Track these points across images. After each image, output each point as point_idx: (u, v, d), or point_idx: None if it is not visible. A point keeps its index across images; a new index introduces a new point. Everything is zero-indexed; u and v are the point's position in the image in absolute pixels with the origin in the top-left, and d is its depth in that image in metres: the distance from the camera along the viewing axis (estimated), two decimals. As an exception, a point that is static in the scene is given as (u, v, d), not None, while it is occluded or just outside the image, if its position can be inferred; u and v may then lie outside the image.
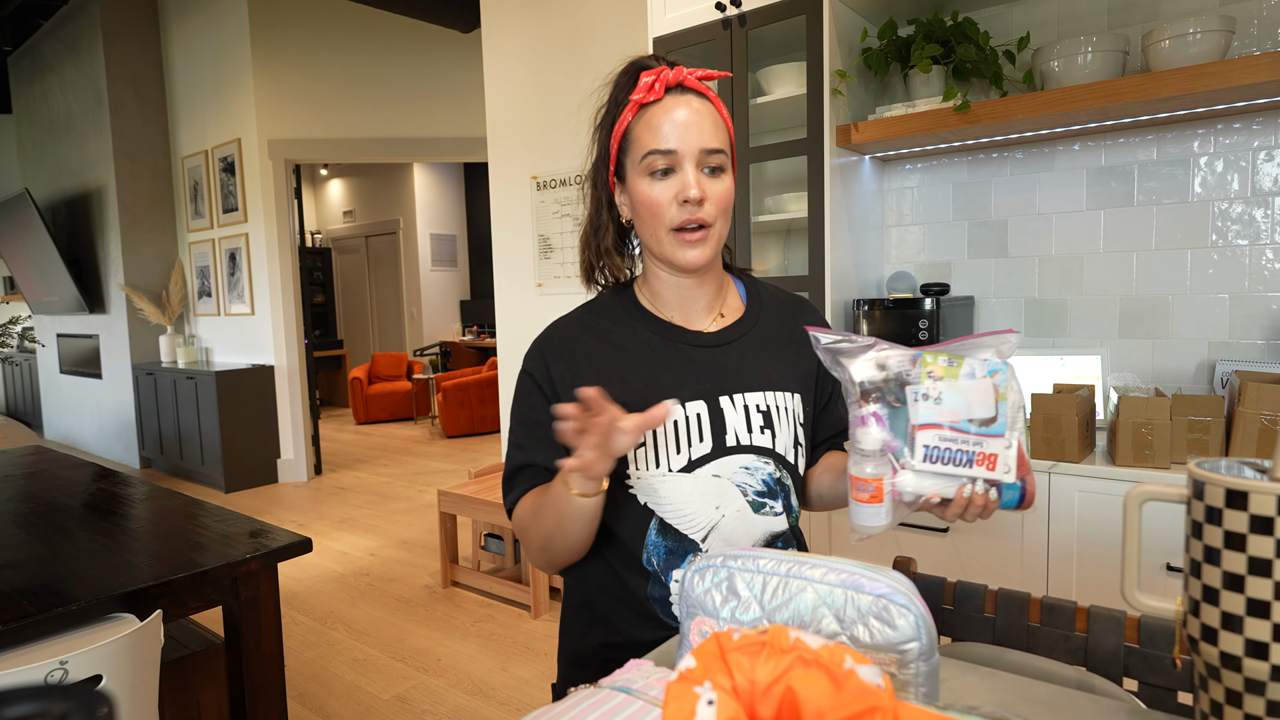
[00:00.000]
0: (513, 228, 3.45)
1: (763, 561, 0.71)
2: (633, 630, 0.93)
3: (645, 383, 0.93)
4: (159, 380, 5.44)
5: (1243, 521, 0.56)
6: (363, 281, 9.10)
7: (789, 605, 0.68)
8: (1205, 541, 0.59)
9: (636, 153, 0.89)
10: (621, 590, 0.94)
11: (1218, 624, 0.58)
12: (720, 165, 0.90)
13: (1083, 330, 2.05)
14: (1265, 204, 1.80)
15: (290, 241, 5.07)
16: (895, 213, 2.34)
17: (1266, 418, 1.54)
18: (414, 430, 7.05)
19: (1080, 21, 1.98)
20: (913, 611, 0.63)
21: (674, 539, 0.91)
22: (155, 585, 1.41)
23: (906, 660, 0.63)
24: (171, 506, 1.94)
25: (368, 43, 5.02)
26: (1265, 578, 0.55)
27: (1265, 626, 0.56)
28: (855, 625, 0.64)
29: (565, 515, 0.85)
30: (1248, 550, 0.56)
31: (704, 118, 0.88)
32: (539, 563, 0.95)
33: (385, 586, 3.23)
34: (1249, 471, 0.59)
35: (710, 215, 0.89)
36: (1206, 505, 0.59)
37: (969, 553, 1.81)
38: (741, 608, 0.69)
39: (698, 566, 0.73)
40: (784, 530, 0.96)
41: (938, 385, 0.76)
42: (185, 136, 5.60)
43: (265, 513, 4.44)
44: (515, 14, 3.34)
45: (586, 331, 0.97)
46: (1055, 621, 0.98)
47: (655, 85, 0.87)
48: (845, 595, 0.66)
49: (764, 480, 0.94)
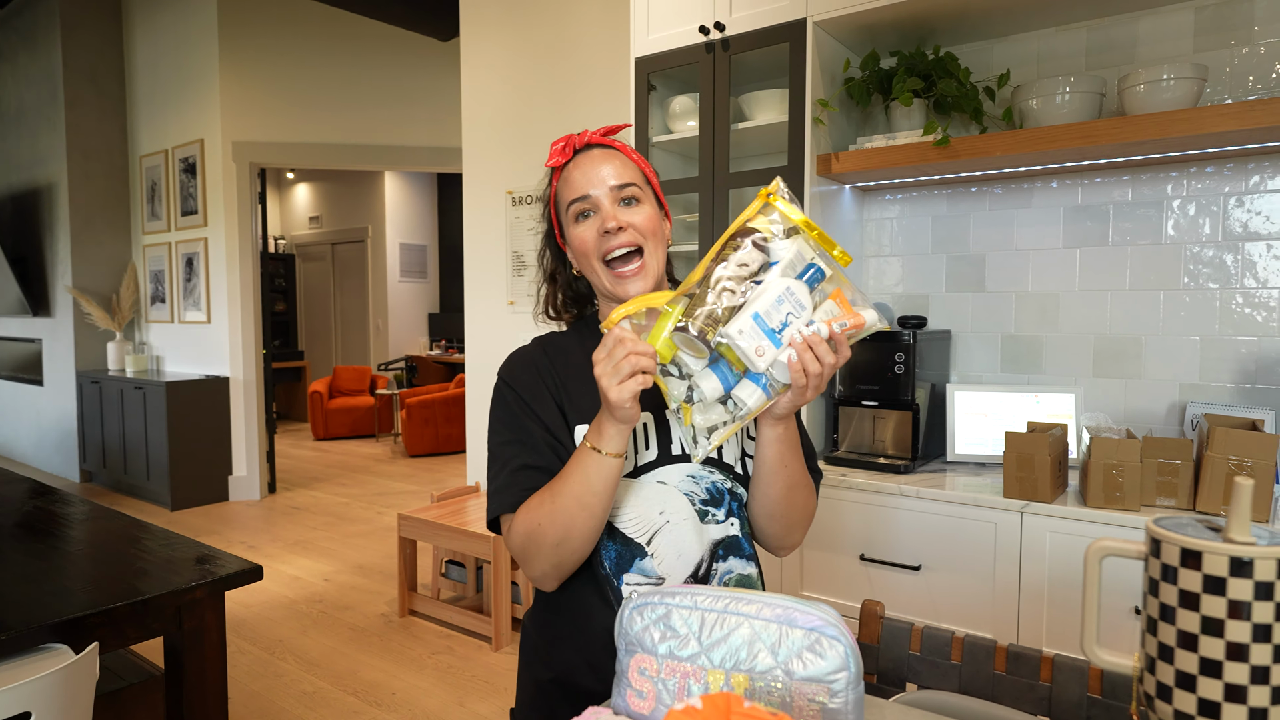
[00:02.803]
0: (486, 243, 3.39)
1: (700, 598, 0.75)
2: (594, 652, 0.96)
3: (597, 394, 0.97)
4: (105, 389, 5.22)
5: (1196, 581, 0.58)
6: (327, 290, 8.90)
7: (726, 641, 0.72)
8: (1161, 599, 0.61)
9: (563, 207, 1.02)
10: (583, 594, 0.98)
11: (1172, 682, 0.59)
12: (634, 196, 0.99)
13: (1057, 368, 2.06)
14: (1235, 249, 1.83)
15: (252, 248, 4.92)
16: (874, 243, 2.34)
17: (1234, 463, 1.55)
18: (375, 448, 6.88)
19: (1059, 61, 2.01)
20: (842, 643, 0.68)
21: (621, 543, 0.96)
22: (93, 614, 1.32)
23: (836, 690, 0.68)
24: (113, 528, 1.83)
25: (342, 46, 4.93)
26: (1217, 637, 0.57)
27: (1217, 686, 0.57)
28: (791, 659, 0.69)
29: (592, 484, 0.87)
30: (1201, 610, 0.58)
31: (611, 161, 1.00)
32: (546, 567, 0.93)
33: (339, 614, 3.10)
34: (1206, 530, 0.60)
35: (635, 239, 0.97)
36: (1163, 563, 0.60)
37: (940, 591, 1.79)
38: (679, 644, 0.73)
39: (635, 604, 0.77)
40: (730, 537, 0.99)
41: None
42: (145, 135, 5.43)
43: (213, 533, 4.26)
44: (496, 25, 3.31)
45: (546, 352, 1.04)
46: (1020, 670, 0.99)
47: (564, 149, 1.01)
48: (780, 630, 0.70)
49: (708, 489, 0.98)
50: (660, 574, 0.95)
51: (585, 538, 0.91)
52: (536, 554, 0.92)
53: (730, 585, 0.98)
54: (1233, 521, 0.58)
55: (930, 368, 2.07)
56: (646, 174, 1.03)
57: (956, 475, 1.92)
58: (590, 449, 0.87)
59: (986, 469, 1.97)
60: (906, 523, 1.82)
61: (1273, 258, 1.79)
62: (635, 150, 1.05)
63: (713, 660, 0.72)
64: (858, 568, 1.90)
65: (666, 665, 0.73)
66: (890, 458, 2.00)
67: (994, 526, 1.72)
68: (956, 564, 1.76)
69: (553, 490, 0.90)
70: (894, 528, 1.84)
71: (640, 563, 0.95)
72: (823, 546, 1.94)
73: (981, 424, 2.00)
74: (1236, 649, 0.56)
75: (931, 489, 1.79)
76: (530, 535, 0.91)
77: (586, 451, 0.88)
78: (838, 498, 1.91)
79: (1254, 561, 0.55)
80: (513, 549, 0.95)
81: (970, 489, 1.77)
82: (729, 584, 0.98)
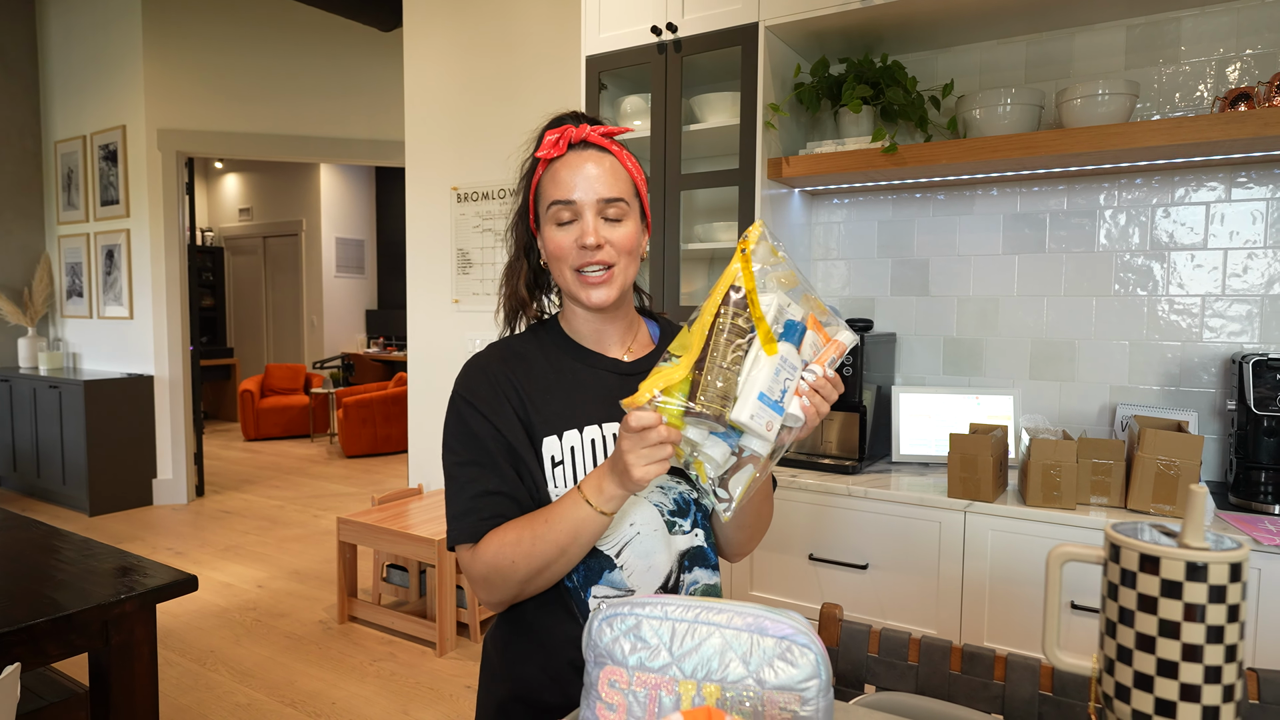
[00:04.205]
0: (430, 239, 3.31)
1: (670, 608, 0.74)
2: (558, 666, 0.94)
3: (564, 404, 0.98)
4: (15, 388, 4.91)
5: (1154, 585, 0.60)
6: (258, 285, 8.55)
7: (697, 651, 0.71)
8: (1120, 603, 0.63)
9: (544, 202, 0.97)
10: (548, 608, 0.96)
11: (1130, 683, 0.62)
12: (620, 213, 0.96)
13: (997, 370, 2.13)
14: (1162, 258, 1.92)
15: (179, 241, 4.69)
16: (822, 246, 2.37)
17: (1162, 462, 1.62)
18: (310, 449, 6.65)
19: (1000, 73, 2.07)
20: (813, 650, 0.69)
21: (590, 555, 0.94)
22: (11, 632, 1.24)
23: (808, 698, 0.68)
24: (28, 537, 1.71)
25: (276, 33, 4.74)
26: (1174, 639, 0.59)
27: (1173, 686, 0.59)
28: (762, 668, 0.69)
29: (580, 537, 0.87)
30: (1158, 613, 0.60)
31: (604, 170, 0.95)
32: (506, 597, 0.92)
33: (274, 622, 2.98)
34: (1161, 535, 0.63)
35: (610, 257, 0.95)
36: (1122, 568, 0.63)
37: (887, 590, 1.82)
38: (650, 655, 0.72)
39: (604, 615, 0.75)
40: (694, 548, 0.99)
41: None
42: (60, 119, 5.11)
43: (137, 539, 4.05)
44: (440, 16, 3.23)
45: (506, 361, 1.00)
46: (975, 670, 1.02)
47: (559, 142, 0.96)
48: (751, 639, 0.70)
49: (676, 499, 0.98)
50: (630, 586, 0.94)
51: (557, 576, 0.90)
52: (502, 585, 0.90)
53: (697, 595, 0.97)
54: (1188, 527, 0.60)
55: (876, 369, 2.11)
56: (637, 184, 1.00)
57: (902, 475, 1.96)
58: (585, 502, 0.86)
59: (930, 469, 2.02)
60: (854, 522, 1.86)
61: (1195, 267, 1.89)
62: (631, 155, 1.01)
63: (684, 671, 0.71)
64: (807, 567, 1.92)
65: (637, 677, 0.72)
66: (838, 458, 2.03)
67: (939, 525, 1.76)
68: (902, 563, 1.80)
69: (534, 531, 0.88)
70: (842, 527, 1.87)
71: (609, 575, 0.94)
72: (772, 547, 1.96)
73: (925, 425, 2.05)
74: (1191, 650, 0.58)
75: (878, 489, 1.82)
76: (500, 570, 0.89)
77: (580, 504, 0.86)
78: (787, 498, 1.93)
79: (1208, 566, 0.58)
80: (473, 575, 0.92)
81: (915, 489, 1.81)
82: (695, 594, 0.97)
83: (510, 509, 0.92)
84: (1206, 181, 1.87)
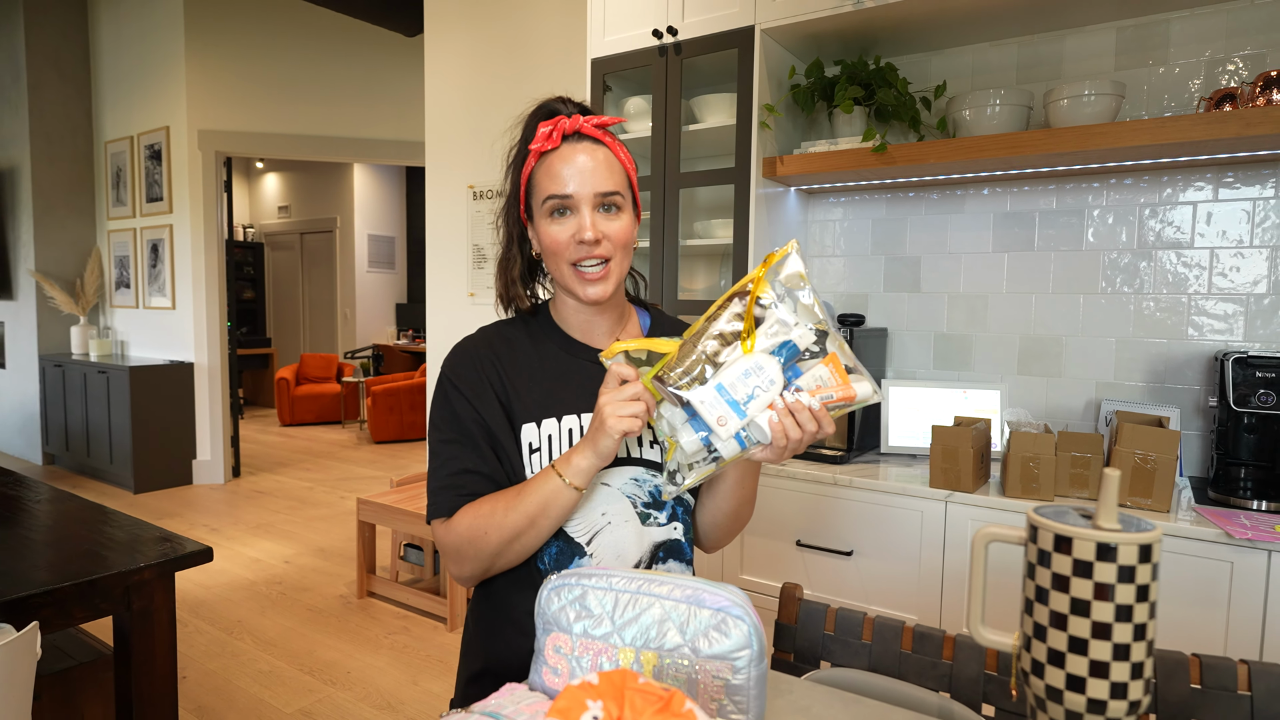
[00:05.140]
0: (448, 235, 3.43)
1: (615, 580, 0.77)
2: (526, 643, 0.96)
3: (546, 392, 0.99)
4: (68, 373, 5.18)
5: (1067, 565, 0.62)
6: (295, 279, 8.84)
7: (637, 620, 0.74)
8: (1037, 582, 0.64)
9: (539, 196, 0.96)
10: (518, 588, 0.98)
11: (1045, 659, 0.63)
12: (616, 205, 0.96)
13: (985, 365, 2.16)
14: (1148, 256, 1.94)
15: (218, 236, 4.91)
16: (818, 243, 2.43)
17: (1139, 456, 1.65)
18: (341, 434, 6.88)
19: (992, 74, 2.10)
20: (747, 622, 0.70)
21: (563, 540, 0.96)
22: (37, 594, 1.35)
23: (739, 667, 0.70)
24: (68, 510, 1.86)
25: (309, 39, 4.92)
26: (1084, 618, 0.61)
27: (1083, 663, 0.61)
28: (697, 637, 0.71)
29: (550, 509, 0.89)
30: (1070, 592, 0.62)
31: (599, 163, 0.95)
32: (477, 570, 0.95)
33: (298, 596, 3.14)
34: (1080, 519, 0.65)
35: (607, 251, 0.96)
36: (1039, 548, 0.64)
37: (870, 576, 1.88)
38: (594, 623, 0.75)
39: (553, 585, 0.78)
40: (670, 540, 1.00)
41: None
42: (110, 120, 5.37)
43: (176, 516, 4.27)
44: (458, 21, 3.34)
45: (493, 346, 1.02)
46: (925, 649, 1.04)
47: (552, 134, 0.94)
48: (688, 610, 0.73)
49: (651, 492, 0.99)
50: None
51: (526, 551, 0.93)
52: (474, 556, 0.93)
53: None
54: (1101, 510, 0.62)
55: (867, 363, 2.15)
56: (630, 175, 1.00)
57: (889, 466, 2.01)
58: (556, 475, 0.88)
59: (917, 460, 2.07)
60: (840, 510, 1.92)
61: (1181, 265, 1.90)
62: (623, 145, 1.00)
63: (624, 639, 0.75)
64: (794, 553, 1.99)
65: (581, 643, 0.76)
66: (828, 448, 2.09)
67: (920, 515, 1.81)
68: (886, 550, 1.86)
69: (506, 502, 0.91)
70: (829, 515, 1.93)
71: (579, 561, 0.95)
72: (761, 533, 2.03)
73: (914, 418, 2.10)
74: (1101, 628, 0.60)
75: (865, 479, 1.88)
76: (472, 540, 0.92)
77: (552, 477, 0.89)
78: (777, 486, 2.00)
79: (1118, 547, 0.60)
80: (445, 547, 0.95)
81: (900, 479, 1.87)
82: None
83: (487, 488, 0.95)
84: (1194, 181, 1.88)
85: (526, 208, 1.01)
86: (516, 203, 1.01)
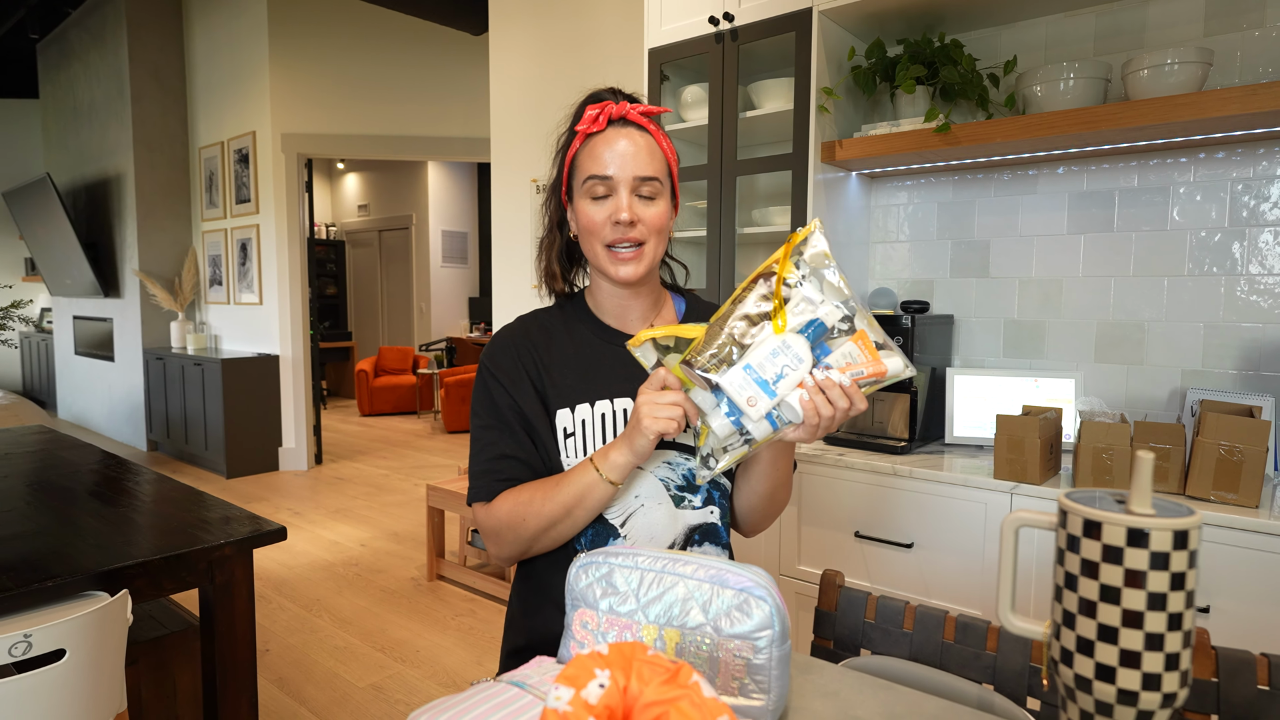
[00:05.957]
0: (513, 229, 3.50)
1: (641, 559, 0.78)
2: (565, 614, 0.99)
3: (579, 378, 1.01)
4: (168, 365, 5.55)
5: (1096, 550, 0.59)
6: (374, 275, 9.20)
7: (661, 599, 0.75)
8: (1066, 568, 0.62)
9: (580, 177, 0.99)
10: (556, 568, 1.01)
11: (1074, 647, 0.61)
12: (654, 192, 0.98)
13: (1059, 353, 2.06)
14: (1241, 235, 1.81)
15: (300, 234, 5.15)
16: (881, 229, 2.36)
17: (1224, 448, 1.55)
18: (416, 424, 7.13)
19: (1067, 47, 2.00)
20: (769, 603, 0.71)
21: (598, 523, 0.98)
22: (130, 566, 1.46)
23: (760, 647, 0.70)
24: (164, 492, 1.99)
25: (382, 42, 5.10)
26: (1114, 605, 0.58)
27: (1113, 651, 0.59)
28: (720, 617, 0.72)
29: (586, 501, 0.92)
30: (1100, 578, 0.59)
31: (640, 148, 0.97)
32: (515, 552, 0.98)
33: (372, 577, 3.28)
34: (1113, 503, 0.62)
35: (642, 235, 0.98)
36: (1068, 534, 0.62)
37: (931, 569, 1.83)
38: (619, 600, 0.77)
39: (582, 563, 0.80)
40: (706, 524, 1.01)
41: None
42: (203, 127, 5.70)
43: (263, 499, 4.52)
44: (521, 19, 3.40)
45: (529, 334, 1.05)
46: (968, 640, 1.02)
47: (599, 118, 0.97)
48: (712, 589, 0.73)
49: (684, 475, 1.00)
50: None
51: (563, 537, 0.97)
52: (512, 540, 0.97)
53: None
54: (1134, 494, 0.60)
55: (932, 351, 2.10)
56: (670, 164, 1.01)
57: (954, 457, 1.95)
58: (594, 469, 0.91)
59: (984, 451, 2.00)
60: (901, 502, 1.87)
61: (1279, 244, 1.77)
62: (666, 135, 1.02)
63: (648, 616, 0.76)
64: (853, 544, 1.95)
65: (606, 619, 0.78)
66: (889, 439, 2.04)
67: (984, 507, 1.75)
68: (947, 543, 1.80)
69: (545, 492, 0.94)
70: (889, 506, 1.89)
71: (613, 543, 0.98)
72: (819, 523, 2.00)
73: (981, 408, 2.03)
74: (1132, 616, 0.58)
75: (926, 469, 1.82)
76: (511, 525, 0.96)
77: (589, 470, 0.91)
78: (836, 476, 1.96)
79: (1150, 533, 0.57)
80: (485, 529, 0.99)
81: (964, 470, 1.80)
82: None
83: (524, 473, 0.99)
84: (1293, 152, 1.74)
85: (569, 189, 1.03)
86: (559, 184, 1.04)
